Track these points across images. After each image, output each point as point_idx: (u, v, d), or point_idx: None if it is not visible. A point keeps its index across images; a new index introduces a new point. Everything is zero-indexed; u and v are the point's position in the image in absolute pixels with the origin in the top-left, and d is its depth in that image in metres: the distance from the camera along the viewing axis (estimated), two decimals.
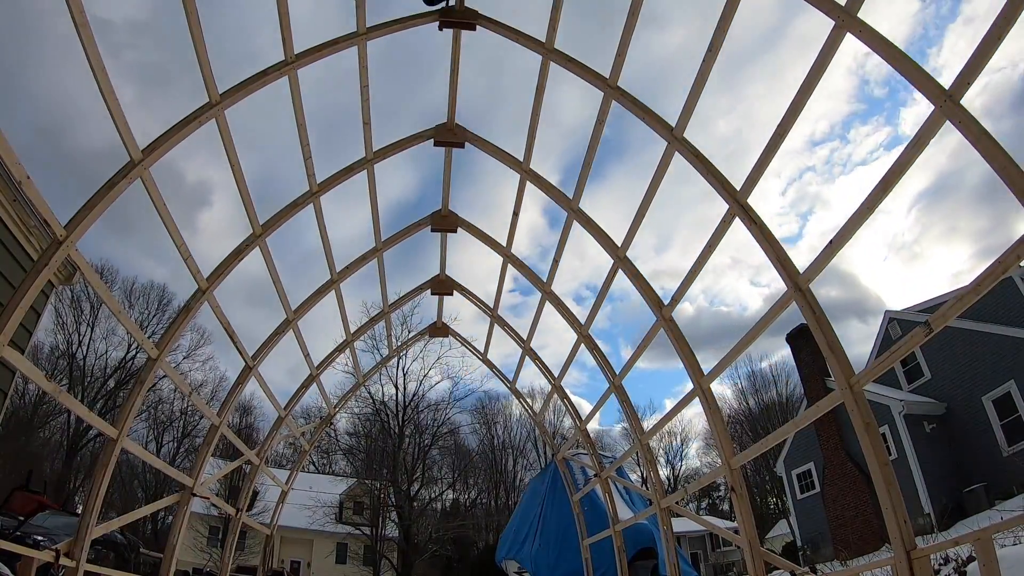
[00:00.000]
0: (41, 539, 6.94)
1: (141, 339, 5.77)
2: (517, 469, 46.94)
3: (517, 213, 7.49)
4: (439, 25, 5.78)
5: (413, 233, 8.02)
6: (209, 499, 8.15)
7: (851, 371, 4.30)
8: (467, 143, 6.96)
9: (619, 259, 6.57)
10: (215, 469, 10.66)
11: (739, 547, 6.27)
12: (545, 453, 42.28)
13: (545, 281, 7.94)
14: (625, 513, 9.15)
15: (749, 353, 39.21)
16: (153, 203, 4.98)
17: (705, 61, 4.73)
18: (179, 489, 6.94)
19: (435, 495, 38.24)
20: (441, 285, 9.07)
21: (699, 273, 5.73)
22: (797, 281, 4.57)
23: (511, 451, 47.41)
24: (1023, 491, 14.81)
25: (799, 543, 23.39)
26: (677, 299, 6.19)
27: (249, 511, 20.89)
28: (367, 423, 36.04)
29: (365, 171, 6.69)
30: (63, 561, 4.83)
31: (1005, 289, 16.88)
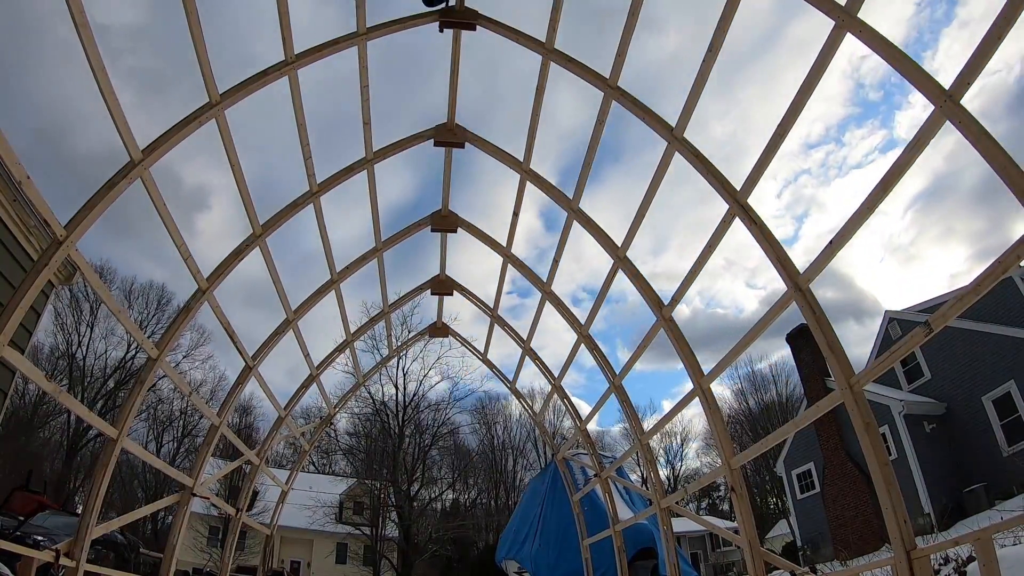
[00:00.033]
0: (41, 539, 6.93)
1: (141, 339, 5.78)
2: (517, 469, 46.96)
3: (517, 213, 7.50)
4: (439, 26, 5.78)
5: (413, 233, 8.02)
6: (209, 499, 8.15)
7: (851, 371, 4.30)
8: (467, 143, 6.96)
9: (619, 259, 6.57)
10: (215, 469, 10.66)
11: (739, 547, 6.28)
12: (545, 453, 42.28)
13: (545, 281, 7.95)
14: (625, 513, 9.15)
15: (748, 353, 39.20)
16: (153, 203, 4.98)
17: (705, 61, 4.73)
18: (179, 489, 6.94)
19: (435, 495, 38.22)
20: (441, 285, 9.08)
21: (699, 273, 5.74)
22: (797, 281, 4.57)
23: (511, 451, 47.43)
24: (1023, 491, 14.81)
25: (799, 543, 23.39)
26: (677, 299, 6.20)
27: (249, 511, 20.88)
28: (367, 423, 36.08)
29: (365, 171, 6.69)
30: (63, 561, 4.83)
31: (1005, 289, 16.88)
